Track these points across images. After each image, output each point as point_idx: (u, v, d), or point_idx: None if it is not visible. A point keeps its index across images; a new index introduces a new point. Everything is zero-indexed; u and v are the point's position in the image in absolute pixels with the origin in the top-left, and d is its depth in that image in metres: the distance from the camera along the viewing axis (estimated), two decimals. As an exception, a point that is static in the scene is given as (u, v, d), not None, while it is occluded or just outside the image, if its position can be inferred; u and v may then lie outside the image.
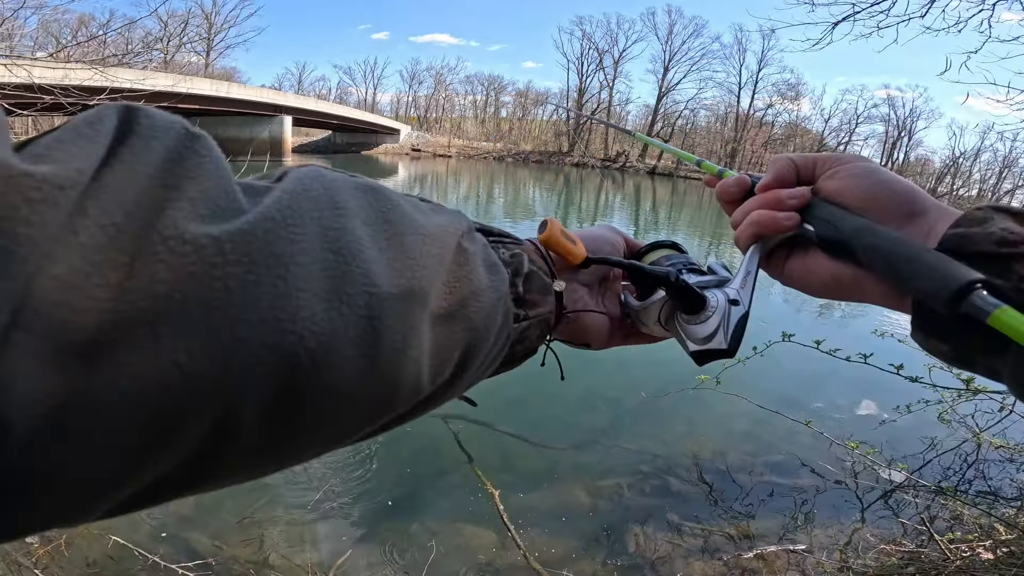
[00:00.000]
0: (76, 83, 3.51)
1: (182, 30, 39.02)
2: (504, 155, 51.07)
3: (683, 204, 26.81)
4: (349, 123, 40.52)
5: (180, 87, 21.48)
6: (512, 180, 32.53)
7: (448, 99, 61.97)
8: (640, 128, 54.94)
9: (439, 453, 3.61)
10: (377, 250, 0.26)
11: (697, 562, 2.83)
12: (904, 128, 45.99)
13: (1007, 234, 0.31)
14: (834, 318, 8.22)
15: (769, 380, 4.79)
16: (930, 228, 0.35)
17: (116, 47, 9.72)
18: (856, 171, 0.39)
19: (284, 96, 32.91)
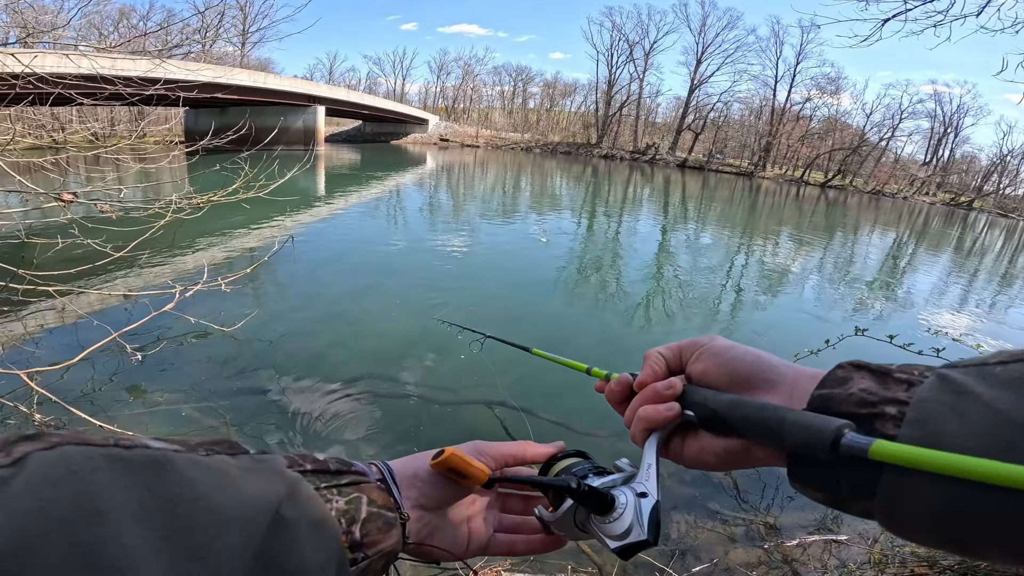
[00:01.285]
0: (136, 74, 3.66)
1: (219, 21, 39.91)
2: (531, 146, 50.83)
3: (713, 198, 26.28)
4: (379, 113, 40.90)
5: (223, 78, 22.06)
6: (539, 171, 32.39)
7: (476, 89, 61.93)
8: (671, 121, 53.88)
9: (486, 436, 3.67)
10: (154, 557, 0.22)
11: (738, 549, 2.84)
12: (950, 124, 44.07)
13: (865, 395, 0.34)
14: (871, 314, 8.01)
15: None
16: (791, 391, 0.39)
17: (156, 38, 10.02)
18: (713, 351, 0.44)
19: (317, 86, 33.38)
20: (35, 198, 3.41)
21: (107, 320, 4.49)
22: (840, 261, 12.76)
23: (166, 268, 6.97)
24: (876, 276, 11.14)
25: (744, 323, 7.01)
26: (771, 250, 13.26)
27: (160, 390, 4.02)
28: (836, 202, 31.84)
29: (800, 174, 44.69)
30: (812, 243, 14.97)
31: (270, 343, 4.94)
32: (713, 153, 48.60)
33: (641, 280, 8.73)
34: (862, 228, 20.81)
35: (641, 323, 6.66)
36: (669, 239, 13.36)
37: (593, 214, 16.78)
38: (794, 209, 25.72)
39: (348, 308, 6.23)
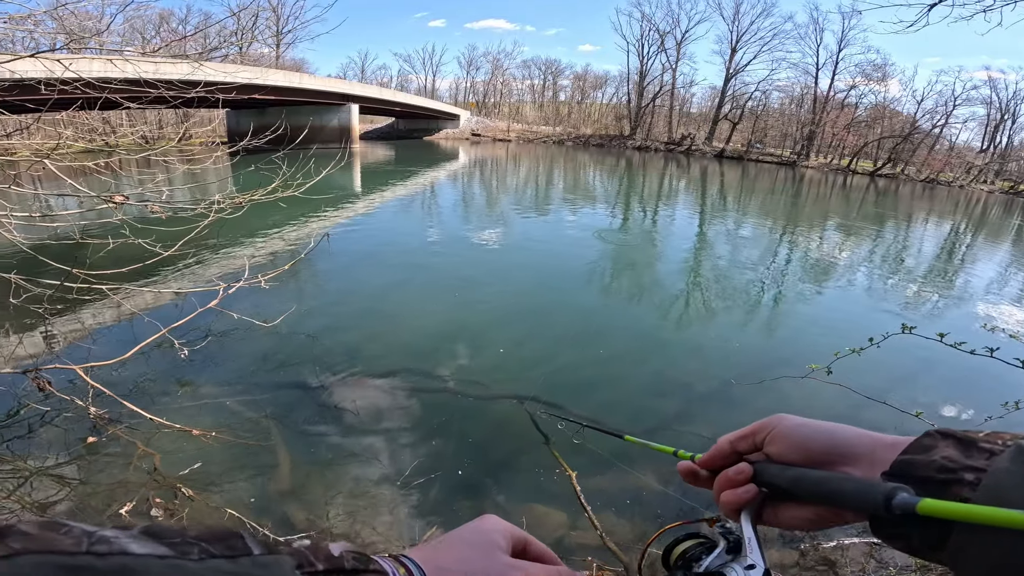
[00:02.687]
0: (176, 77, 3.76)
1: (253, 23, 41.06)
2: (564, 139, 50.37)
3: (753, 189, 25.40)
4: (411, 110, 41.30)
5: (259, 79, 22.72)
6: (572, 164, 32.06)
7: (505, 84, 61.72)
8: (706, 111, 52.36)
9: (516, 434, 3.66)
10: None
11: (775, 550, 2.76)
12: (1007, 111, 41.37)
13: (947, 462, 0.37)
14: (924, 308, 7.55)
15: (869, 371, 4.51)
16: (871, 463, 0.42)
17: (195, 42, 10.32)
18: (783, 433, 0.46)
19: (350, 85, 33.94)
20: (88, 200, 3.55)
21: (157, 317, 4.66)
22: (891, 252, 12.10)
23: (211, 266, 7.21)
24: (930, 268, 10.51)
25: (787, 317, 6.72)
26: (817, 241, 12.69)
27: (206, 383, 4.15)
28: (887, 191, 30.28)
29: (847, 163, 42.71)
30: (861, 233, 14.27)
31: (309, 337, 5.04)
32: (752, 143, 46.98)
33: (677, 272, 8.50)
34: (915, 218, 19.70)
35: (678, 317, 6.48)
36: (707, 230, 12.97)
37: (628, 206, 16.47)
38: (841, 199, 24.58)
39: (383, 303, 6.30)
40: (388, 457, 3.38)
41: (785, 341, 5.85)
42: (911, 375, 4.90)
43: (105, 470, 3.12)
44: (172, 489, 2.95)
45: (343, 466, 3.29)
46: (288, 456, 3.34)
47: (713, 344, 5.48)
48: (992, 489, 0.33)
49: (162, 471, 3.10)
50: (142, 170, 6.91)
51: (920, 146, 41.81)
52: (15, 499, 2.85)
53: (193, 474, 3.09)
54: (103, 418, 3.51)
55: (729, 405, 4.22)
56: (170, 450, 3.29)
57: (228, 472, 3.15)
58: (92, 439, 3.36)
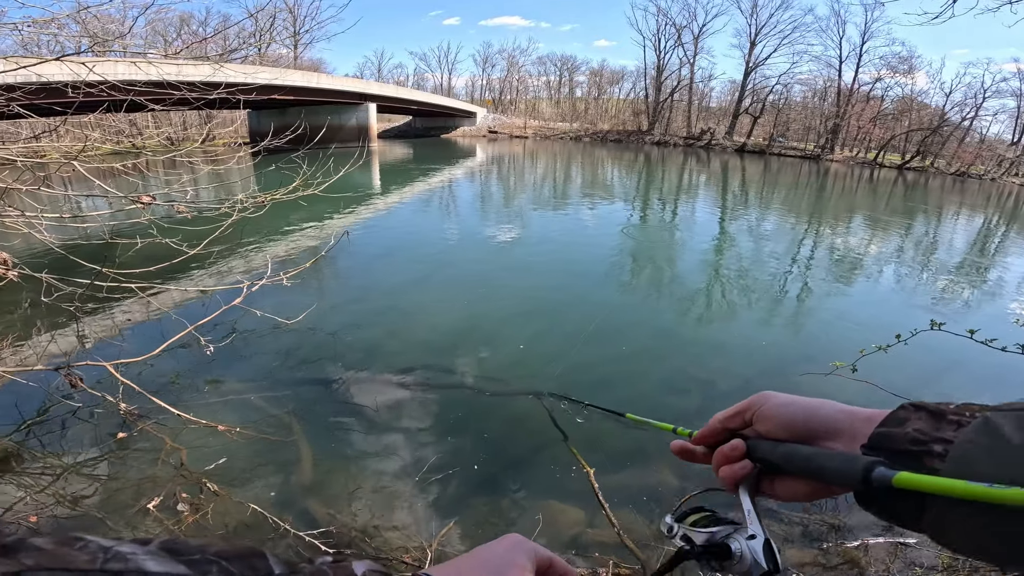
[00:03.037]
0: (199, 79, 3.83)
1: (270, 24, 41.61)
2: (581, 135, 50.06)
3: (776, 183, 24.90)
4: (428, 108, 41.48)
5: (279, 80, 23.05)
6: (590, 159, 31.84)
7: (521, 81, 61.60)
8: (726, 105, 51.46)
9: (534, 431, 3.65)
10: None
11: (797, 550, 2.72)
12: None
13: (919, 434, 0.39)
14: (955, 304, 7.31)
15: (896, 369, 4.39)
16: (852, 436, 0.44)
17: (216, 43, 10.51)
18: (770, 412, 0.49)
19: (367, 84, 34.22)
20: (117, 201, 3.64)
21: (184, 314, 4.76)
22: (921, 247, 11.74)
23: (236, 264, 7.34)
24: (962, 263, 10.17)
25: (812, 313, 6.57)
26: (843, 236, 12.38)
27: (231, 380, 4.23)
28: (916, 184, 29.38)
29: (874, 156, 41.57)
30: (889, 228, 13.87)
31: (330, 334, 5.10)
32: (775, 137, 46.01)
33: (699, 268, 8.37)
34: (946, 211, 19.06)
35: (699, 313, 6.38)
36: (729, 225, 12.75)
37: (647, 201, 16.29)
38: (868, 192, 23.94)
39: (402, 300, 6.34)
40: (407, 453, 3.40)
41: (810, 338, 5.71)
42: (941, 373, 4.75)
43: (134, 465, 3.20)
44: (198, 484, 3.01)
45: (363, 461, 3.32)
46: (310, 451, 3.38)
47: (735, 341, 5.39)
48: (959, 460, 0.36)
49: (188, 466, 3.17)
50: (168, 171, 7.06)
51: (949, 139, 40.49)
52: (50, 494, 2.94)
53: (218, 469, 3.15)
54: (132, 414, 3.60)
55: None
56: (196, 445, 3.36)
57: (251, 467, 3.20)
58: (122, 435, 3.45)
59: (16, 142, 3.76)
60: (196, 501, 2.86)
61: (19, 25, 2.54)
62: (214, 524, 2.72)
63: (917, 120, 41.75)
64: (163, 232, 3.69)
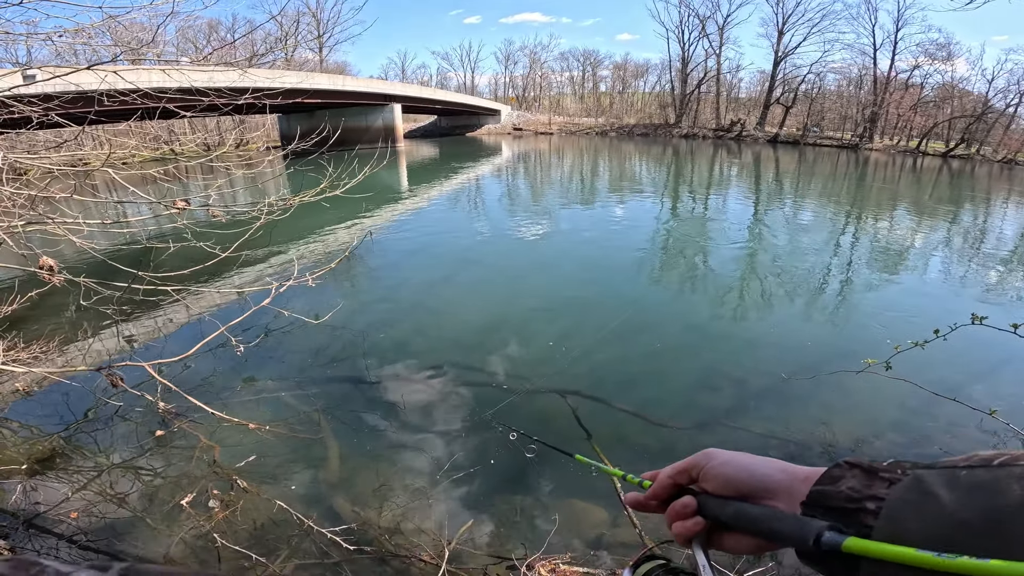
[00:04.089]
0: (225, 84, 3.91)
1: (295, 29, 42.42)
2: (607, 129, 49.45)
3: (812, 173, 24.05)
4: (452, 107, 41.67)
5: (305, 83, 23.53)
6: (617, 155, 31.43)
7: (544, 77, 61.16)
8: (756, 95, 49.96)
9: (558, 430, 3.61)
10: None
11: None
12: None
13: (852, 492, 0.41)
14: (1005, 296, 6.89)
15: (936, 365, 4.17)
16: (790, 495, 0.46)
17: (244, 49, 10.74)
18: (713, 472, 0.51)
19: (391, 85, 34.60)
20: (155, 207, 3.75)
21: (217, 315, 4.90)
22: (969, 237, 11.13)
23: (267, 265, 7.52)
24: (1013, 253, 9.60)
25: (851, 308, 6.29)
26: (886, 226, 11.85)
27: (262, 378, 4.33)
28: (962, 172, 27.93)
29: (916, 144, 39.70)
30: (935, 217, 13.22)
31: (358, 333, 5.16)
32: (808, 126, 44.41)
33: (731, 262, 8.13)
34: (995, 199, 18.04)
35: (731, 308, 6.19)
36: (763, 216, 12.36)
37: (677, 195, 15.96)
38: (911, 181, 22.88)
39: (430, 298, 6.37)
40: (431, 450, 3.41)
41: (848, 333, 5.47)
42: (986, 370, 4.49)
43: (171, 462, 3.31)
44: (229, 481, 3.08)
45: (388, 459, 3.34)
46: (336, 449, 3.43)
47: (769, 337, 5.21)
48: (890, 518, 0.38)
49: (220, 463, 3.25)
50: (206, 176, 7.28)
51: (995, 126, 38.38)
52: (92, 490, 3.06)
53: (248, 466, 3.22)
54: (170, 412, 3.72)
55: (780, 400, 4.00)
56: (229, 443, 3.45)
57: (280, 464, 3.27)
58: (160, 432, 3.57)
59: (58, 150, 3.92)
60: (226, 497, 2.93)
61: (51, 35, 2.64)
62: (242, 520, 2.78)
63: (960, 107, 39.71)
64: (197, 236, 3.79)
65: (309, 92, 23.91)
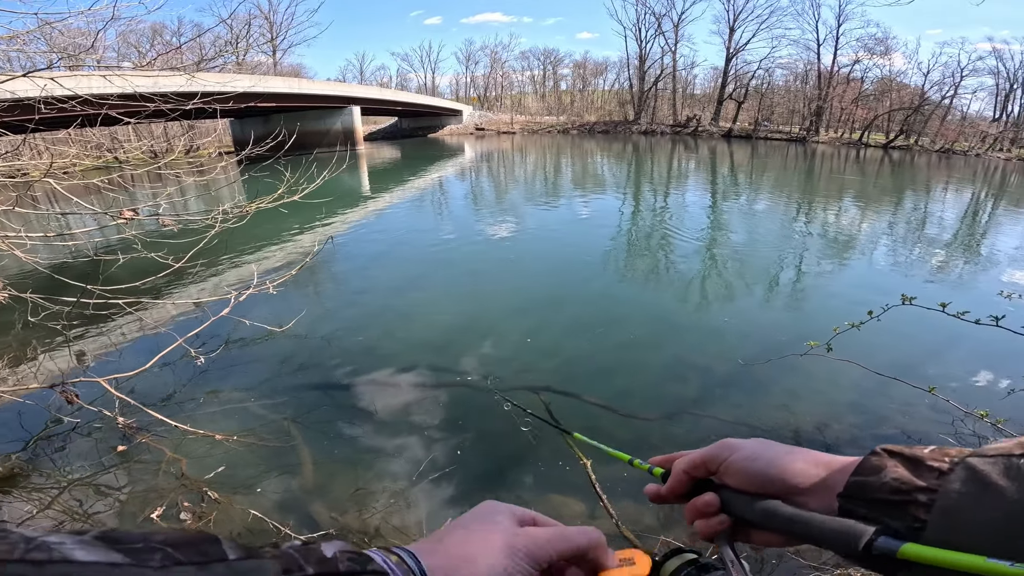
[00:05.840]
0: (172, 89, 3.80)
1: (246, 32, 41.17)
2: (568, 127, 49.95)
3: (764, 166, 24.98)
4: (413, 108, 41.27)
5: (259, 87, 22.85)
6: (579, 152, 31.81)
7: (505, 76, 61.33)
8: (710, 91, 51.50)
9: (532, 425, 3.67)
10: None
11: None
12: (1016, 80, 40.35)
13: (899, 484, 0.37)
14: (946, 279, 7.38)
15: (881, 347, 4.43)
16: (825, 490, 0.42)
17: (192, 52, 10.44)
18: (737, 466, 0.47)
19: (350, 87, 33.98)
20: (102, 217, 3.62)
21: (174, 328, 4.75)
22: (911, 223, 11.83)
23: (225, 275, 7.31)
24: (951, 238, 10.26)
25: (809, 292, 6.62)
26: (834, 215, 12.46)
27: (226, 389, 4.22)
28: (902, 162, 29.57)
29: (859, 136, 41.77)
30: (879, 205, 13.97)
31: (324, 339, 5.09)
32: (760, 121, 46.11)
33: (691, 254, 8.40)
34: (934, 188, 19.19)
35: (692, 299, 6.41)
36: (720, 209, 12.80)
37: (638, 190, 16.31)
38: (856, 172, 24.06)
39: (398, 301, 6.34)
40: (406, 452, 3.41)
41: (802, 318, 5.76)
42: (928, 349, 4.80)
43: (136, 477, 3.21)
44: (199, 493, 3.01)
45: (363, 462, 3.34)
46: (310, 455, 3.39)
47: (731, 325, 5.42)
48: (945, 514, 0.35)
49: (189, 475, 3.17)
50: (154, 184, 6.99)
51: (931, 117, 40.79)
52: (56, 509, 2.94)
53: (218, 477, 3.16)
54: (131, 427, 3.60)
55: (743, 387, 4.19)
56: (196, 455, 3.37)
57: (252, 474, 3.21)
58: (122, 447, 3.45)
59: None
60: (198, 509, 2.87)
61: (-16, 43, 2.52)
62: (217, 531, 2.72)
63: (898, 100, 42.00)
64: (149, 246, 3.67)
65: (263, 96, 23.24)
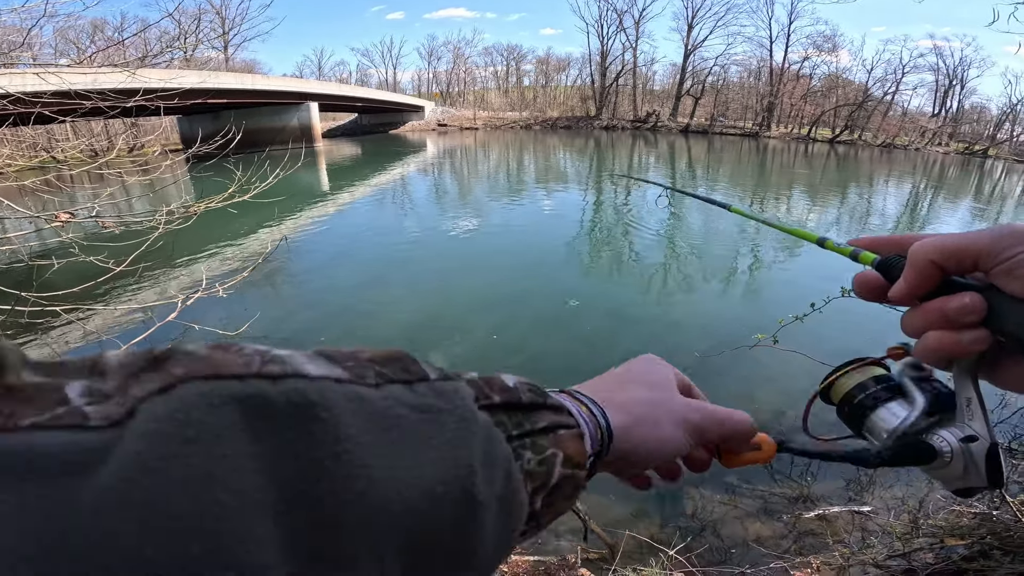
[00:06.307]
0: (110, 86, 3.58)
1: (196, 27, 39.48)
2: (531, 123, 50.10)
3: (720, 160, 25.73)
4: (373, 104, 40.50)
5: (208, 83, 21.91)
6: (542, 147, 31.94)
7: (468, 72, 60.99)
8: (669, 87, 52.67)
9: None
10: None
11: (755, 524, 2.76)
12: (955, 77, 42.97)
13: None
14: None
15: (826, 337, 4.62)
16: None
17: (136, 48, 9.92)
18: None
19: (307, 83, 33.05)
20: (37, 221, 3.38)
21: (119, 335, 4.50)
22: (856, 215, 12.43)
23: (172, 278, 6.99)
24: (893, 228, 10.84)
25: (763, 284, 6.86)
26: (785, 208, 12.96)
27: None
28: (847, 156, 31.04)
29: (807, 131, 43.64)
30: (826, 198, 14.62)
31: (282, 341, 4.78)
32: (716, 116, 47.51)
33: (652, 248, 8.57)
34: (877, 180, 20.23)
35: (657, 291, 6.54)
36: (680, 203, 13.11)
37: (600, 186, 16.51)
38: (805, 166, 25.10)
39: (360, 301, 6.21)
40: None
41: (756, 310, 5.96)
42: (869, 337, 5.00)
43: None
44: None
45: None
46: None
47: (689, 317, 5.56)
48: None
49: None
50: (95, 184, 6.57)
51: (874, 113, 43.00)
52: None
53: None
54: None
55: (699, 378, 4.29)
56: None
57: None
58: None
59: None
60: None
61: None
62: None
63: (843, 96, 44.08)
64: (88, 250, 3.45)
65: (213, 92, 22.32)
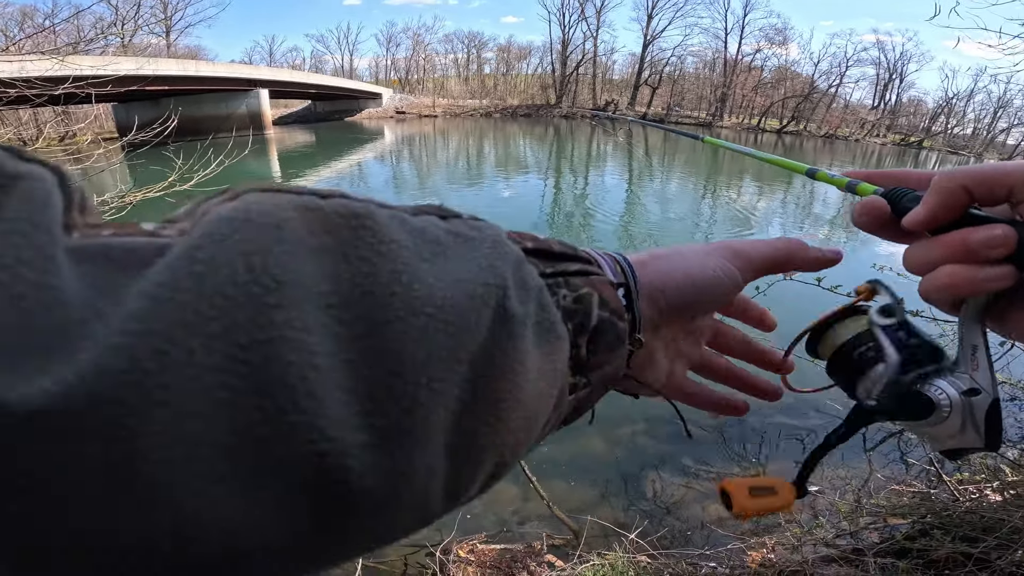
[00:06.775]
0: (37, 74, 3.32)
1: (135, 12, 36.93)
2: (491, 111, 49.71)
3: (676, 150, 26.33)
4: (328, 91, 39.19)
5: (145, 69, 20.60)
6: (502, 135, 31.75)
7: (428, 59, 59.80)
8: (628, 77, 53.33)
9: None
10: (335, 372, 0.17)
11: (713, 505, 2.85)
12: (895, 71, 45.39)
13: None
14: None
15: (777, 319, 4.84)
16: None
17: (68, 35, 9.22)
18: None
19: (256, 69, 31.61)
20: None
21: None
22: (801, 202, 13.02)
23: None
24: (835, 215, 11.41)
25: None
26: (735, 194, 13.42)
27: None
28: (793, 146, 32.38)
29: (756, 122, 45.18)
30: (773, 186, 15.22)
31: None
32: (672, 106, 48.47)
33: (613, 233, 8.70)
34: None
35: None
36: (636, 190, 13.35)
37: (560, 173, 16.60)
38: (755, 155, 26.00)
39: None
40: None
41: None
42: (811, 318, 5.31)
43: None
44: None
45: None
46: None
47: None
48: None
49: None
50: (20, 174, 6.11)
51: (819, 105, 44.99)
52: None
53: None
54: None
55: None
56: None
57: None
58: None
59: None
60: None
61: None
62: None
63: (791, 88, 45.88)
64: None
65: (152, 79, 21.03)
